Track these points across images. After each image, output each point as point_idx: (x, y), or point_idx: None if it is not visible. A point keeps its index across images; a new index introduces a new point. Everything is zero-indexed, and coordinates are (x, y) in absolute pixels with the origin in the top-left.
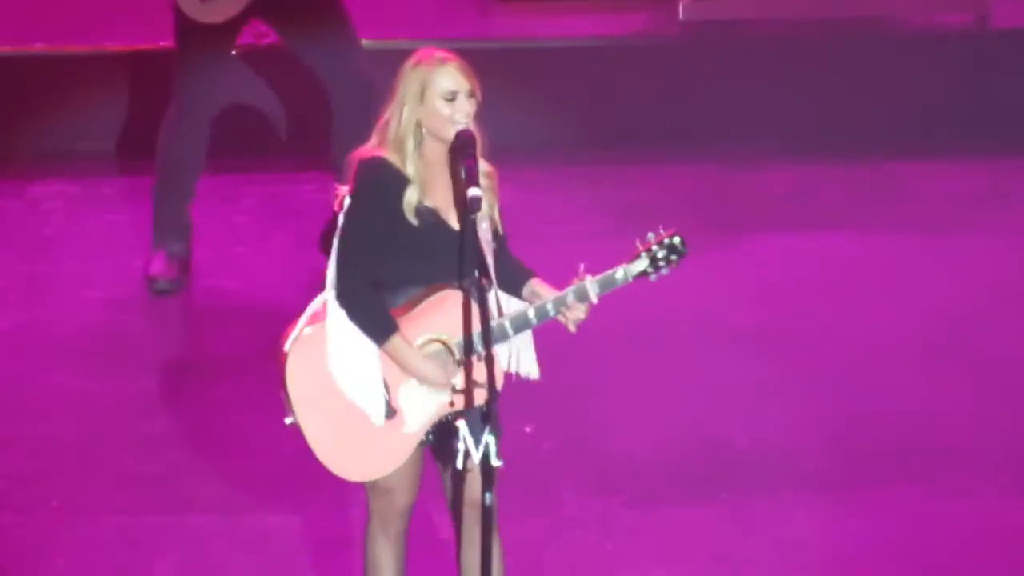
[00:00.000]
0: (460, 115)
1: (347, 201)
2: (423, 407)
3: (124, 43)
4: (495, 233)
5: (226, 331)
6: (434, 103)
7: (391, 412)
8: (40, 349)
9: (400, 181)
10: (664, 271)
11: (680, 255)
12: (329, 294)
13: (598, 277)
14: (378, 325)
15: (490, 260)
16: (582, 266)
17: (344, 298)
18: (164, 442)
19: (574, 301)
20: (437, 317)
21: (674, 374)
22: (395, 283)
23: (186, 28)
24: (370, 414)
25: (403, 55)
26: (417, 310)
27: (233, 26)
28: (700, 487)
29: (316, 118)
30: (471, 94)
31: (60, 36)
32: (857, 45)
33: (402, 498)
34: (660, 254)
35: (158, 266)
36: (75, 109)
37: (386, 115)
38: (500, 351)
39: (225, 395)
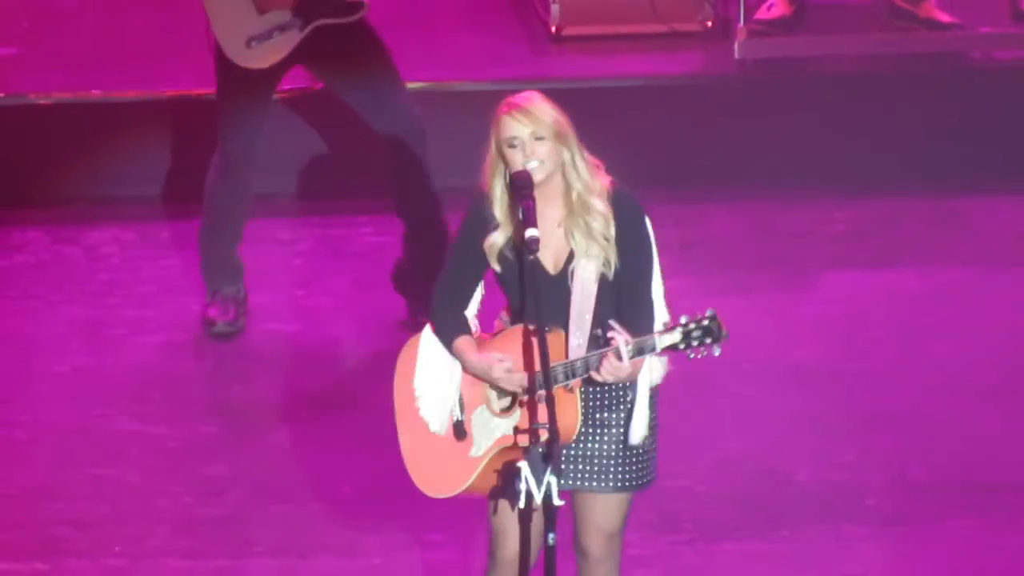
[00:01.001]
0: (532, 160)
1: None
2: (487, 435)
3: (177, 88)
4: (613, 283)
5: (285, 373)
6: (504, 151)
7: (462, 433)
8: (99, 394)
9: (492, 220)
10: (702, 351)
11: (716, 338)
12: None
13: (634, 341)
14: (448, 329)
15: (581, 305)
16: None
17: (431, 308)
18: (224, 485)
19: (609, 357)
20: (504, 350)
21: (735, 411)
22: (517, 315)
23: (228, 73)
24: (432, 426)
25: (456, 96)
26: (490, 342)
27: (276, 72)
28: (762, 523)
29: (372, 160)
30: (535, 136)
31: (115, 82)
32: (914, 81)
33: (511, 545)
34: (695, 332)
35: (215, 310)
36: (130, 155)
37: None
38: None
39: (286, 438)
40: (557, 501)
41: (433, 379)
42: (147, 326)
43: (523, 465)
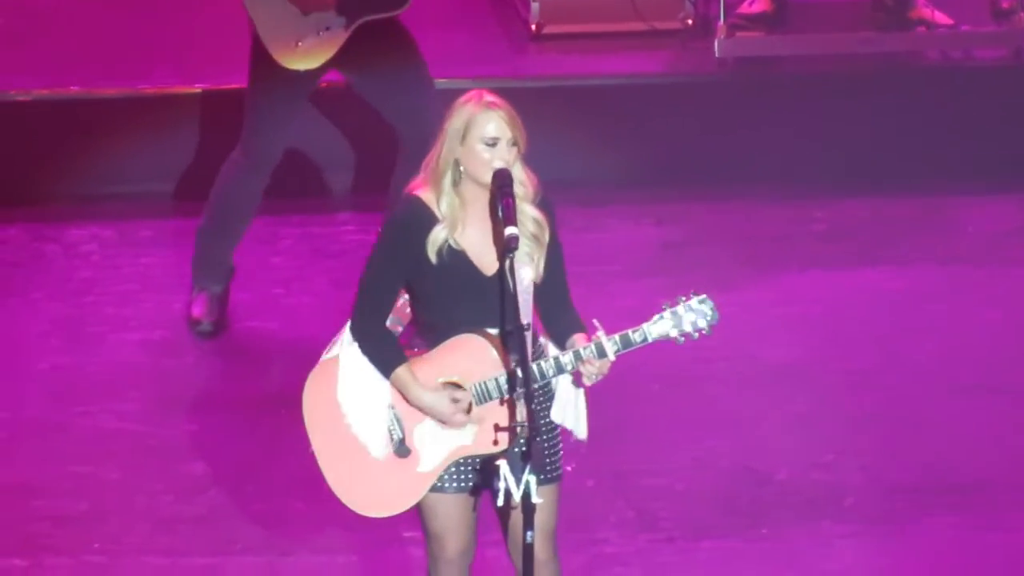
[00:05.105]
0: (498, 161)
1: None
2: (438, 447)
3: (159, 85)
4: (545, 284)
5: (266, 372)
6: (474, 145)
7: (405, 451)
8: (80, 391)
9: (429, 222)
10: (693, 335)
11: (709, 319)
12: (348, 325)
13: (617, 335)
14: (385, 357)
15: (524, 306)
16: (596, 322)
17: (356, 330)
18: (205, 483)
19: (591, 357)
20: (453, 360)
21: (713, 410)
22: (442, 326)
23: (266, 73)
24: (371, 449)
25: (439, 95)
26: (433, 352)
27: (316, 74)
28: (741, 522)
29: (353, 158)
30: (513, 143)
31: (95, 79)
32: (894, 80)
33: (453, 544)
34: (686, 317)
35: (200, 308)
36: (110, 152)
37: (434, 150)
38: (556, 401)
39: (266, 436)
40: (536, 499)
41: (363, 401)
42: (127, 324)
43: (502, 464)
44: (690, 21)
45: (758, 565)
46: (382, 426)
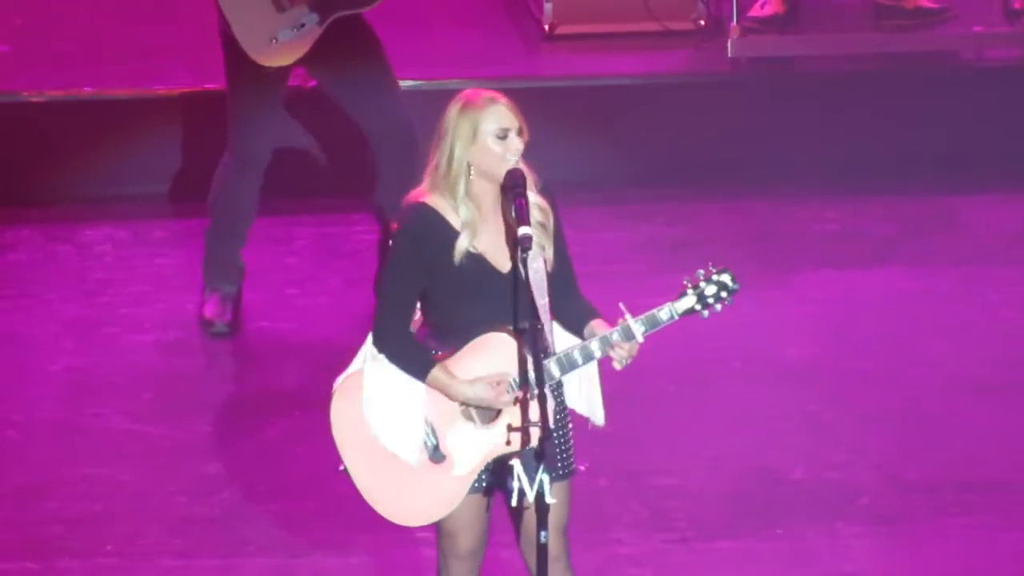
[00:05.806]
0: (511, 153)
1: (391, 244)
2: (473, 450)
3: (171, 86)
4: (553, 272)
5: (280, 372)
6: (486, 142)
7: (440, 456)
8: (93, 392)
9: (441, 227)
10: (716, 307)
11: (731, 291)
12: (370, 338)
13: (643, 316)
14: (416, 363)
15: (540, 301)
16: (622, 305)
17: (380, 341)
18: (218, 484)
19: (619, 341)
20: (477, 359)
21: (727, 410)
22: (457, 327)
23: (243, 72)
24: (406, 459)
25: (451, 94)
26: (461, 353)
27: (287, 71)
28: (754, 522)
29: (366, 159)
30: (520, 132)
31: (108, 79)
32: (906, 80)
33: (465, 542)
34: (709, 291)
35: (212, 309)
36: (124, 153)
37: (436, 158)
38: (569, 388)
39: (280, 436)
40: (549, 499)
41: (393, 413)
42: (141, 325)
43: (516, 463)
44: (703, 22)
45: (772, 565)
46: (415, 435)
